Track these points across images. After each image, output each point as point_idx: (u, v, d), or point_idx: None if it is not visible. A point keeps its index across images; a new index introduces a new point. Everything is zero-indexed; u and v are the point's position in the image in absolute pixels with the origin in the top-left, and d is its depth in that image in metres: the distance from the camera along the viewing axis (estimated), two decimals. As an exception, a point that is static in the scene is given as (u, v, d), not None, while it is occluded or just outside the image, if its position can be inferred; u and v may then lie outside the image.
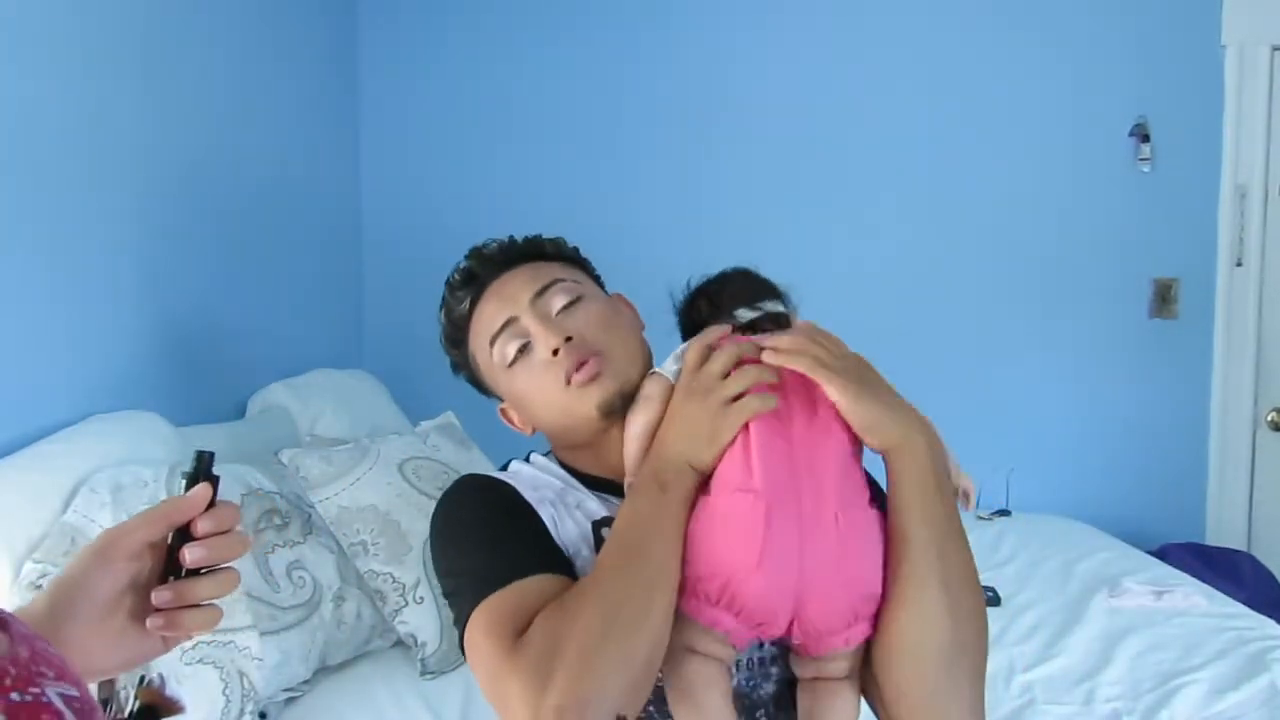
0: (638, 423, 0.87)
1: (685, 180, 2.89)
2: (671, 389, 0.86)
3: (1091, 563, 2.20)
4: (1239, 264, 2.65)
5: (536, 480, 0.94)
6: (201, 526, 0.64)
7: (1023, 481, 2.71)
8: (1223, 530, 2.67)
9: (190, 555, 0.64)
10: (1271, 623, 1.84)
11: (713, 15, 2.87)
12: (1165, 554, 2.41)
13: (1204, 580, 2.11)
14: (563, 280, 0.94)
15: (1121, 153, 2.70)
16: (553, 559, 0.84)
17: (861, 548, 0.78)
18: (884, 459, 0.82)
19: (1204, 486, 2.71)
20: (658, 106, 2.89)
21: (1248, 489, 2.69)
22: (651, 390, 0.88)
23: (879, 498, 0.83)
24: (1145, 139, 2.66)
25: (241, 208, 2.34)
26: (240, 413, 2.29)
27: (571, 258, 1.01)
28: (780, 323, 0.90)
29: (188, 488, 0.65)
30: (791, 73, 2.83)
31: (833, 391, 0.80)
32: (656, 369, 0.90)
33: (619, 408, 0.89)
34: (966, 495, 0.84)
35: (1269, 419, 2.67)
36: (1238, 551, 2.55)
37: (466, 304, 0.97)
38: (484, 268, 0.97)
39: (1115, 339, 2.74)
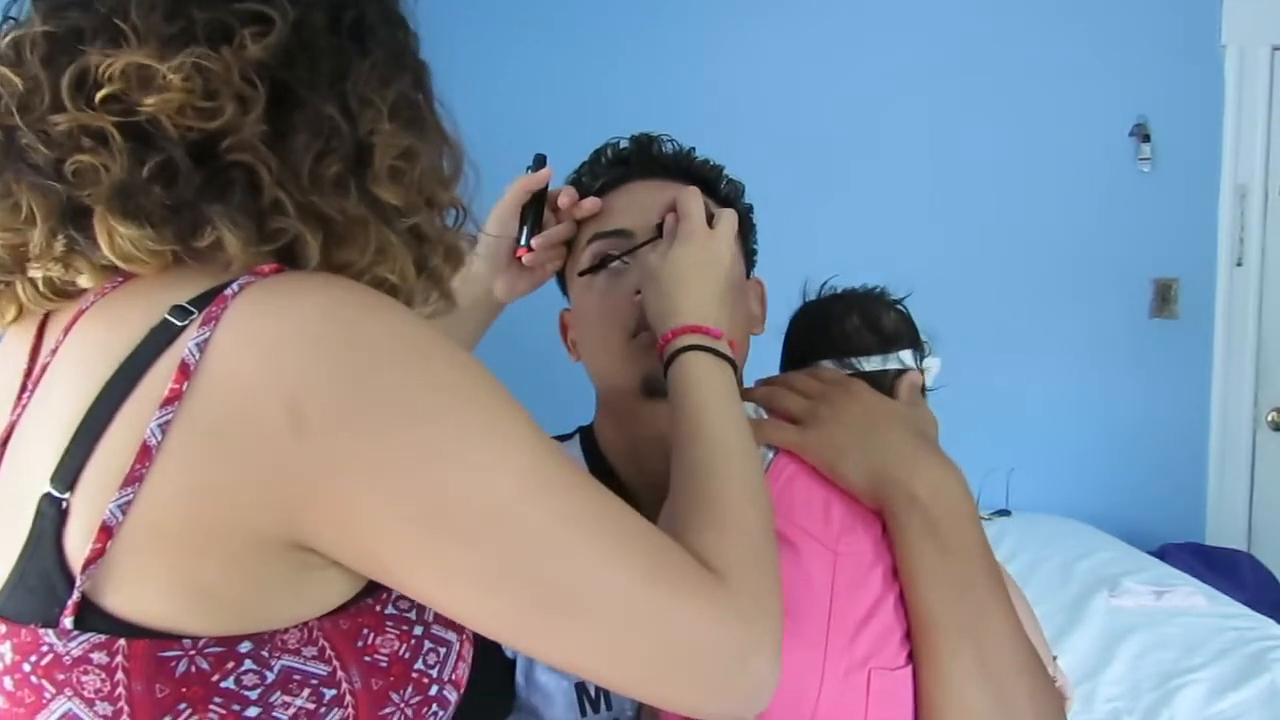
0: None
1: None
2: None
3: (1091, 563, 2.19)
4: (1239, 264, 2.65)
5: None
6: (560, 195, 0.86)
7: (1023, 481, 2.70)
8: (1223, 530, 2.67)
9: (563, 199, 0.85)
10: (1271, 623, 1.84)
11: (708, 11, 2.86)
12: (1165, 554, 2.41)
13: (1204, 580, 2.10)
14: None
15: (1121, 153, 2.69)
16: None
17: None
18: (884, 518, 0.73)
19: (1204, 486, 2.70)
20: (656, 105, 2.88)
21: (1248, 489, 2.68)
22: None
23: None
24: (1145, 139, 2.66)
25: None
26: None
27: (739, 215, 0.88)
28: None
29: (534, 170, 0.86)
30: (789, 73, 2.82)
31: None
32: None
33: (665, 391, 0.75)
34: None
35: (1269, 419, 2.66)
36: (1238, 551, 2.55)
37: (600, 185, 0.87)
38: (641, 158, 0.88)
39: (1115, 339, 2.74)
